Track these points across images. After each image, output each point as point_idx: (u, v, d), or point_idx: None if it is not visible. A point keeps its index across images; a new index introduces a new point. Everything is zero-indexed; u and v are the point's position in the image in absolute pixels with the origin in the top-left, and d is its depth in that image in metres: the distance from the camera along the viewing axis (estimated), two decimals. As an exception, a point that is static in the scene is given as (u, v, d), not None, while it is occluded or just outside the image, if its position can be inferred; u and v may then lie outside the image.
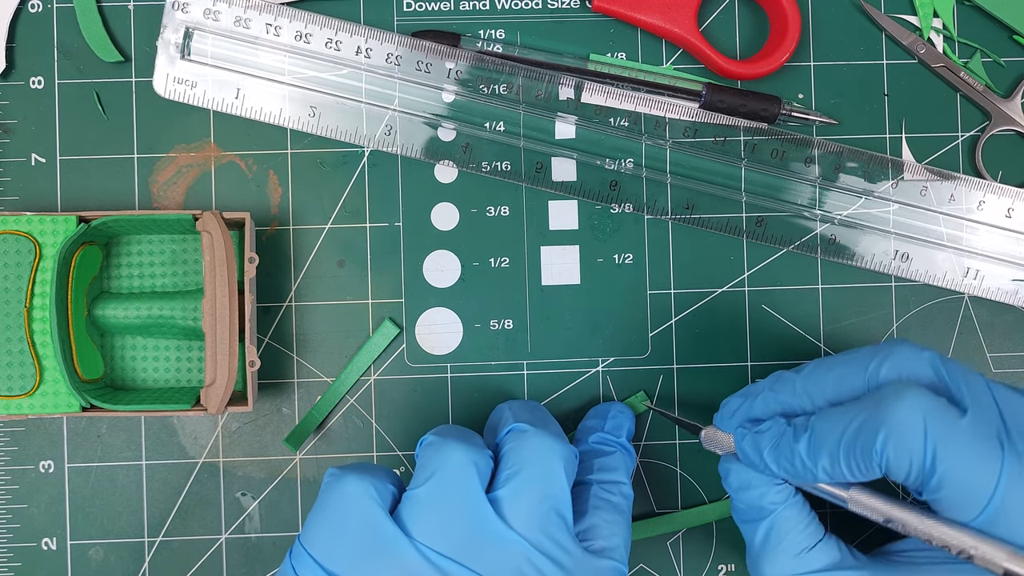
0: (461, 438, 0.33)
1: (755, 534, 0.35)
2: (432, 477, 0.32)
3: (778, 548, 0.34)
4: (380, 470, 0.33)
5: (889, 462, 0.30)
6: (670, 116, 0.42)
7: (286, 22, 0.41)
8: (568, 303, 0.42)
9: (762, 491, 0.34)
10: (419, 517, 0.31)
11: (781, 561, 0.34)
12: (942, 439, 0.29)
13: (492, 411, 0.38)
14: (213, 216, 0.38)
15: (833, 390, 0.33)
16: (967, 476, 0.29)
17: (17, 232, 0.38)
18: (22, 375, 0.38)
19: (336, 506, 0.32)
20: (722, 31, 0.43)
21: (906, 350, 0.32)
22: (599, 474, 0.37)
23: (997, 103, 0.42)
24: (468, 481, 0.32)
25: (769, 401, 0.35)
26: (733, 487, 0.36)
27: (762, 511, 0.35)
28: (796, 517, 0.34)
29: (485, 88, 0.41)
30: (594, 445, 0.38)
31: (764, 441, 0.34)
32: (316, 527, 0.32)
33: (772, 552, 0.34)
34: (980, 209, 0.42)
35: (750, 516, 0.35)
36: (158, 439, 0.42)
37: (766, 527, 0.34)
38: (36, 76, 0.42)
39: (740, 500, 0.35)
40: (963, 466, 0.29)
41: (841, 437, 0.31)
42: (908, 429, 0.30)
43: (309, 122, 0.41)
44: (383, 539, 0.31)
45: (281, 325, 0.42)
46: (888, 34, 0.43)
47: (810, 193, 0.42)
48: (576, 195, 0.42)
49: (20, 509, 0.41)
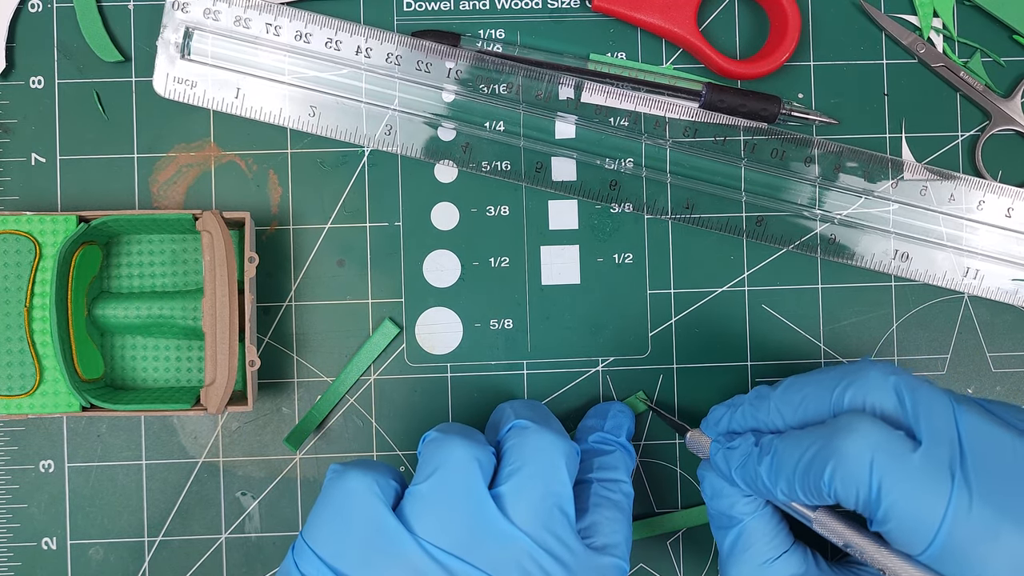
0: (464, 435, 0.33)
1: (724, 541, 0.36)
2: (435, 473, 0.32)
3: (744, 556, 0.35)
4: (382, 466, 0.33)
5: (837, 492, 0.31)
6: (670, 116, 0.42)
7: (286, 22, 0.41)
8: (568, 303, 0.42)
9: (732, 501, 0.35)
10: (422, 513, 0.31)
11: (747, 570, 0.35)
12: (888, 473, 0.29)
13: (493, 410, 0.38)
14: (213, 216, 0.38)
15: (801, 411, 0.34)
16: (912, 511, 0.29)
17: (17, 232, 0.38)
18: (22, 375, 0.38)
19: (339, 502, 0.32)
20: (722, 31, 0.43)
21: (873, 375, 0.32)
22: (599, 472, 0.37)
23: (997, 103, 0.42)
24: (471, 477, 0.32)
25: (747, 415, 0.35)
26: (707, 494, 0.36)
27: (731, 520, 0.35)
28: (763, 528, 0.35)
29: (485, 88, 0.41)
30: (594, 444, 0.38)
31: (734, 458, 0.34)
32: (319, 523, 0.32)
33: (738, 560, 0.35)
34: (980, 209, 0.42)
35: (721, 523, 0.36)
36: (158, 439, 0.42)
37: (734, 535, 0.35)
38: (36, 76, 0.42)
39: (712, 507, 0.36)
40: (908, 501, 0.29)
41: (797, 464, 0.32)
42: (855, 462, 0.30)
43: (309, 122, 0.41)
44: (386, 535, 0.31)
45: (281, 325, 0.42)
46: (888, 34, 0.43)
47: (810, 193, 0.42)
48: (576, 195, 0.42)
49: (20, 509, 0.41)
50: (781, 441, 0.33)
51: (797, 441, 0.32)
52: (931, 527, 0.29)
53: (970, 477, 0.29)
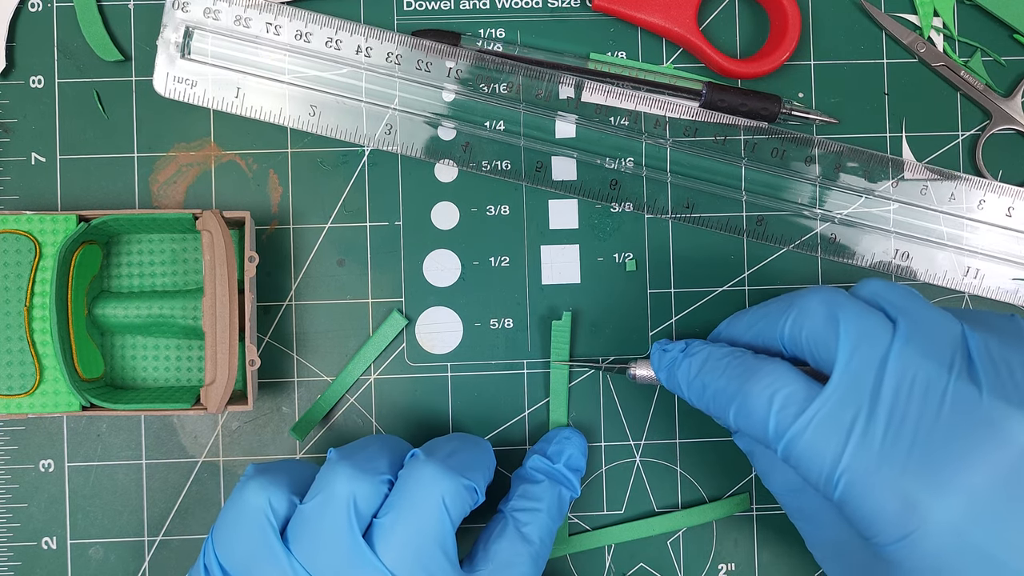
0: (354, 464, 0.33)
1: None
2: (316, 497, 0.33)
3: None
4: (287, 475, 0.34)
5: (740, 427, 0.32)
6: (670, 115, 0.42)
7: (286, 21, 0.41)
8: (568, 302, 0.42)
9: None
10: (301, 535, 0.32)
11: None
12: (783, 421, 0.31)
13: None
14: (213, 215, 0.38)
15: (749, 336, 0.35)
16: (809, 455, 0.30)
17: (17, 231, 0.38)
18: (22, 374, 0.38)
19: (236, 510, 0.33)
20: (722, 30, 0.43)
21: (811, 302, 0.32)
22: (518, 501, 0.37)
23: (997, 102, 0.42)
24: (342, 513, 0.32)
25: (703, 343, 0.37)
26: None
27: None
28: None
29: (485, 87, 0.41)
30: (528, 470, 0.38)
31: (664, 360, 0.37)
32: (221, 523, 0.34)
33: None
34: (980, 208, 0.42)
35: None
36: (158, 438, 0.42)
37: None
38: (36, 75, 0.42)
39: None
40: (807, 448, 0.30)
41: (704, 390, 0.34)
42: (756, 401, 0.31)
43: (309, 121, 0.41)
44: (269, 551, 0.32)
45: (281, 324, 0.42)
46: (888, 33, 0.43)
47: (810, 192, 0.42)
48: (576, 194, 0.42)
49: (20, 508, 0.41)
50: (706, 362, 0.34)
51: (717, 370, 0.34)
52: (830, 465, 0.29)
53: (874, 425, 0.29)
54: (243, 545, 0.33)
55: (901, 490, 0.28)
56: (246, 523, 0.33)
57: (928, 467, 0.28)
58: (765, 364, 0.32)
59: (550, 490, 0.37)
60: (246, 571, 0.32)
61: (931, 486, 0.28)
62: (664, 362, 0.37)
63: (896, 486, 0.28)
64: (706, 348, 0.35)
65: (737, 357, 0.33)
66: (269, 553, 0.32)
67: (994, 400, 0.28)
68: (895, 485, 0.28)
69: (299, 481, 0.34)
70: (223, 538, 0.33)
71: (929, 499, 0.28)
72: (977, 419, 0.28)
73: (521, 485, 0.38)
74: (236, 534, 0.33)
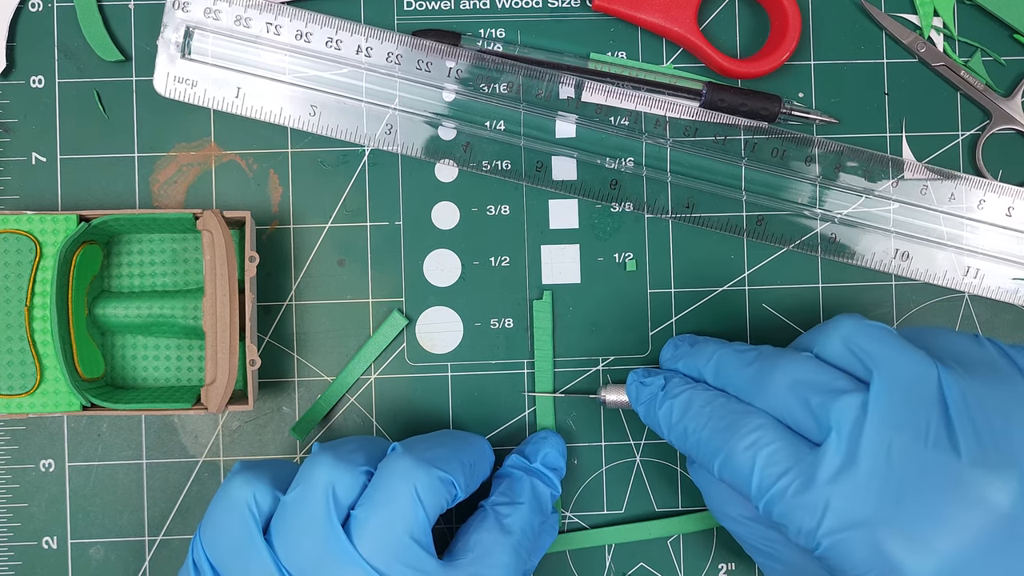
0: (337, 454, 0.34)
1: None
2: (296, 489, 0.33)
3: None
4: (273, 472, 0.34)
5: (723, 478, 0.33)
6: (670, 115, 0.42)
7: (286, 21, 0.41)
8: (568, 302, 0.42)
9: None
10: (281, 528, 0.33)
11: None
12: (767, 484, 0.31)
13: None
14: (213, 215, 0.38)
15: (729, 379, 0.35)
16: (794, 517, 0.31)
17: (17, 231, 0.38)
18: (23, 374, 0.38)
19: (220, 505, 0.34)
20: (722, 30, 0.43)
21: (782, 379, 0.33)
22: (497, 496, 0.37)
23: (997, 102, 0.42)
24: (321, 501, 0.32)
25: (687, 362, 0.38)
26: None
27: None
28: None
29: (485, 87, 0.41)
30: (507, 468, 0.39)
31: (643, 394, 0.37)
32: (206, 519, 0.34)
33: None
34: (980, 208, 0.42)
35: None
36: (159, 438, 0.42)
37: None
38: (36, 75, 0.42)
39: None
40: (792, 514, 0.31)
41: (687, 435, 0.35)
42: (740, 459, 0.32)
43: (309, 121, 0.41)
44: (251, 544, 0.32)
45: (281, 324, 0.42)
46: (888, 33, 0.43)
47: (810, 192, 0.42)
48: (576, 194, 0.42)
49: (21, 508, 0.41)
50: (688, 407, 0.35)
51: (700, 418, 0.34)
52: (813, 524, 0.30)
53: (855, 486, 0.30)
54: (227, 538, 0.33)
55: (881, 549, 0.29)
56: (230, 517, 0.33)
57: (907, 529, 0.29)
58: (750, 418, 0.32)
59: (529, 485, 0.38)
60: (230, 564, 0.33)
61: (910, 548, 0.29)
62: (643, 397, 0.37)
63: (876, 545, 0.29)
64: (687, 390, 0.35)
65: (721, 406, 0.34)
66: (251, 546, 0.32)
67: (972, 468, 0.29)
68: (875, 544, 0.29)
69: (284, 478, 0.34)
70: (209, 533, 0.34)
71: (908, 559, 0.28)
72: (955, 482, 0.29)
73: (502, 482, 0.38)
74: (221, 528, 0.33)
